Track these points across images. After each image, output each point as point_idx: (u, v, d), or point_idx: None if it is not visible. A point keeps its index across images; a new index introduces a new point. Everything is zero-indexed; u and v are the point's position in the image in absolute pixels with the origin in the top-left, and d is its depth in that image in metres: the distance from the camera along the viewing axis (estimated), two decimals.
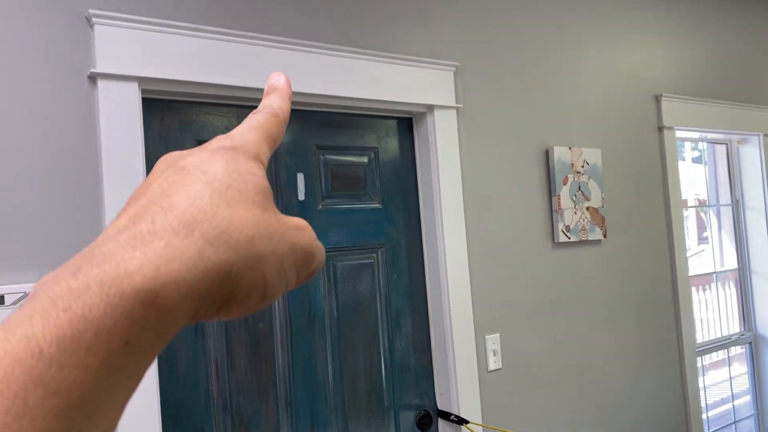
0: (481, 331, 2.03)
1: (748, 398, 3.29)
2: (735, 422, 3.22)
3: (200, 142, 1.62)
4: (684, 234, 2.75)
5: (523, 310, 2.16)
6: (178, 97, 1.58)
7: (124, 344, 0.20)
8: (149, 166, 1.52)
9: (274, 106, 0.32)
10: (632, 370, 2.49)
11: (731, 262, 3.31)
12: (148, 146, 1.53)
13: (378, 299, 1.91)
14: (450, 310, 1.95)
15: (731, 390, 3.26)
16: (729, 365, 3.27)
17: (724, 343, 3.17)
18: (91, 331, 0.20)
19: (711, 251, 3.32)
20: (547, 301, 2.23)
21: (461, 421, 1.91)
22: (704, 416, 2.75)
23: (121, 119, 1.42)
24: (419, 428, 1.95)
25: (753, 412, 3.26)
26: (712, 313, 3.33)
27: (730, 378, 3.27)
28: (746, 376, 3.30)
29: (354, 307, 1.85)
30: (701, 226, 3.90)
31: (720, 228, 3.33)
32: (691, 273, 2.79)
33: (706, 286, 3.45)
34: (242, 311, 0.25)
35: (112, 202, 1.38)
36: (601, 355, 2.39)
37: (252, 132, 0.29)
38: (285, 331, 1.71)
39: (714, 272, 3.28)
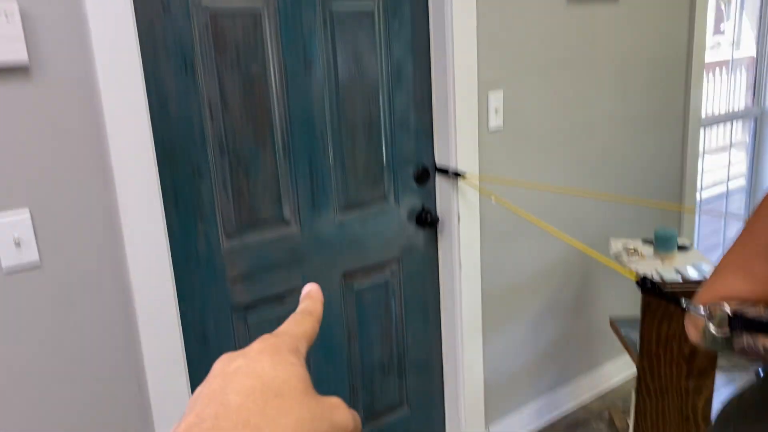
0: (484, 88, 1.96)
1: (742, 179, 3.35)
2: (727, 194, 3.32)
3: None
4: None
5: (530, 67, 2.06)
6: None
7: None
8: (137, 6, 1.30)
9: (310, 309, 0.39)
10: (635, 134, 2.47)
11: (748, 50, 3.19)
12: None
13: (378, 49, 1.80)
14: (454, 64, 1.85)
15: (728, 163, 3.30)
16: (731, 136, 3.26)
17: (729, 116, 3.14)
18: None
19: (730, 34, 3.16)
20: (555, 59, 2.13)
21: (458, 175, 1.92)
22: (698, 180, 2.81)
23: None
24: (416, 182, 1.97)
25: (746, 184, 3.34)
26: (720, 93, 3.25)
27: (730, 148, 3.29)
28: (744, 159, 3.32)
29: (352, 57, 1.75)
30: (719, 19, 3.71)
31: (742, 10, 3.13)
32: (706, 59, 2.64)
33: (720, 71, 3.33)
34: None
35: (100, 45, 1.21)
36: (606, 117, 2.35)
37: (292, 329, 0.36)
38: (280, 75, 1.63)
39: (730, 59, 3.16)
